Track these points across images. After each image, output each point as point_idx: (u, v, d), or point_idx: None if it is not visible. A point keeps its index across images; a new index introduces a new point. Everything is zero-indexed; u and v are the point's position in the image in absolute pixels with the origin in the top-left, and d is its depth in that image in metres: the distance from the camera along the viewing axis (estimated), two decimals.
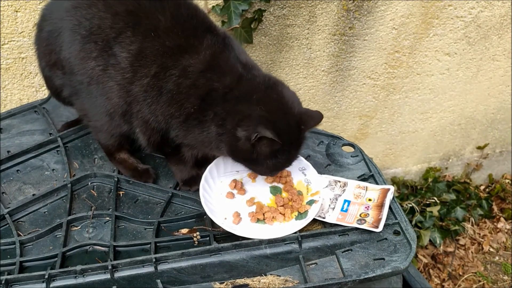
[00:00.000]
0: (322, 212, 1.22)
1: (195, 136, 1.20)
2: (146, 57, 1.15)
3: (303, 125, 1.16)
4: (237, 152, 1.16)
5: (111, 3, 1.17)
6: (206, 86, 1.14)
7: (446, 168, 2.67)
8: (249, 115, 1.11)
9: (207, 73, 1.14)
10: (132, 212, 1.27)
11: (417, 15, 2.02)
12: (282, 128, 1.12)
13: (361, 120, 2.32)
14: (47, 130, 1.46)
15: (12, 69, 1.71)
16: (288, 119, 1.14)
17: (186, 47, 1.15)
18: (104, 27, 1.17)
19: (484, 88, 2.39)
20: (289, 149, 1.16)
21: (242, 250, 1.13)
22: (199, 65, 1.14)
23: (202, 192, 1.21)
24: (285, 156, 1.17)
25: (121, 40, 1.15)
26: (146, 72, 1.15)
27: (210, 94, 1.14)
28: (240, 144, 1.13)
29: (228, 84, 1.14)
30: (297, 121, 1.15)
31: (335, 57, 2.05)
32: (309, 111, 1.20)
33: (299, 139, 1.18)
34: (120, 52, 1.16)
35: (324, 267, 1.14)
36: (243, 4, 1.74)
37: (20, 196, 1.29)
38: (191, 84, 1.13)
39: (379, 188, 1.27)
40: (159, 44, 1.15)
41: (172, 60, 1.14)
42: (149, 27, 1.15)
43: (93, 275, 1.08)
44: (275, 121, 1.11)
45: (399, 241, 1.16)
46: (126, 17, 1.16)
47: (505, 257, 2.47)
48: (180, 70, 1.14)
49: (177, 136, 1.21)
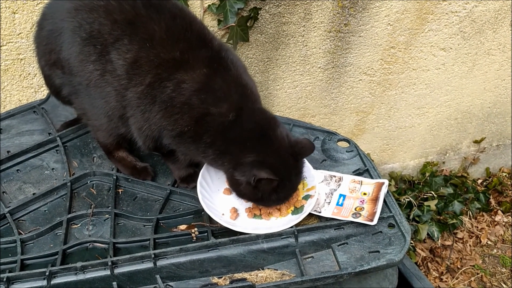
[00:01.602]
0: (318, 206, 1.24)
1: (188, 149, 1.22)
2: (141, 67, 1.16)
3: (298, 156, 1.19)
4: (243, 195, 1.21)
5: (111, 10, 1.19)
6: (201, 108, 1.15)
7: (443, 162, 2.69)
8: (243, 162, 1.15)
9: (202, 94, 1.15)
10: (131, 210, 1.29)
11: (411, 11, 2.03)
12: (277, 165, 1.15)
13: (358, 116, 2.34)
14: (46, 130, 1.48)
15: (11, 70, 1.73)
16: (281, 155, 1.17)
17: (180, 61, 1.16)
18: (103, 32, 1.18)
19: (480, 83, 2.40)
20: (290, 179, 1.19)
21: (239, 245, 1.15)
22: (193, 83, 1.15)
23: (199, 189, 1.23)
24: (288, 186, 1.20)
25: (118, 46, 1.17)
26: (141, 81, 1.17)
27: (205, 119, 1.15)
28: (242, 188, 1.18)
29: (224, 112, 1.15)
30: (291, 153, 1.18)
31: (331, 54, 2.07)
32: (300, 142, 1.22)
33: (297, 166, 1.21)
34: (117, 59, 1.17)
35: (320, 261, 1.16)
36: (238, 2, 1.76)
37: (21, 195, 1.31)
38: (184, 101, 1.15)
39: (374, 182, 1.28)
40: (153, 55, 1.16)
41: (167, 73, 1.15)
42: (145, 37, 1.17)
43: (93, 271, 1.10)
44: (269, 161, 1.14)
45: (393, 234, 1.18)
46: (124, 25, 1.18)
47: (503, 249, 2.48)
48: (174, 84, 1.15)
49: (170, 144, 1.24)
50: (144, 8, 1.18)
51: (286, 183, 1.18)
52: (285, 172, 1.17)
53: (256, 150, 1.15)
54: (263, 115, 1.21)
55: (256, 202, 1.23)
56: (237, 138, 1.16)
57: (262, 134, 1.17)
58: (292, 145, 1.19)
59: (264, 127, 1.18)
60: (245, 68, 1.27)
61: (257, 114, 1.20)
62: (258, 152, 1.15)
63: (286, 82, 2.10)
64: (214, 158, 1.19)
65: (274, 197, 1.19)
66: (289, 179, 1.19)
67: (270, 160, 1.15)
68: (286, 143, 1.19)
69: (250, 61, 1.98)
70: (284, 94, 2.14)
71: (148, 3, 1.19)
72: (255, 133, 1.17)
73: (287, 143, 1.19)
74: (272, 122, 1.20)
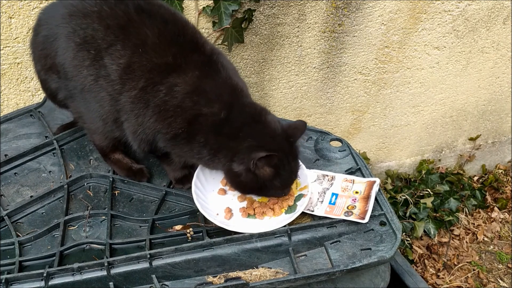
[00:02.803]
0: (311, 205, 1.26)
1: (183, 151, 1.24)
2: (134, 71, 1.18)
3: (291, 138, 1.21)
4: (244, 187, 1.22)
5: (104, 15, 1.21)
6: (193, 109, 1.17)
7: (439, 160, 2.71)
8: (239, 150, 1.16)
9: (194, 96, 1.17)
10: (127, 211, 1.31)
11: (405, 11, 2.05)
12: (272, 146, 1.17)
13: (353, 115, 2.35)
14: (43, 133, 1.50)
15: (8, 74, 1.75)
16: (275, 138, 1.19)
17: (173, 65, 1.18)
18: (97, 38, 1.20)
19: (474, 80, 2.42)
20: (288, 161, 1.20)
21: (234, 244, 1.17)
22: (185, 86, 1.17)
23: (194, 190, 1.25)
24: (287, 169, 1.21)
25: (111, 52, 1.19)
26: (134, 85, 1.19)
27: (198, 119, 1.17)
28: (243, 178, 1.18)
29: (216, 111, 1.17)
30: (285, 136, 1.20)
31: (326, 54, 2.08)
32: (292, 124, 1.25)
33: (292, 150, 1.22)
34: (111, 64, 1.19)
35: (313, 259, 1.17)
36: (233, 4, 1.77)
37: (18, 198, 1.33)
38: (177, 104, 1.17)
39: (366, 181, 1.30)
40: (146, 60, 1.18)
41: (159, 77, 1.17)
42: (138, 42, 1.19)
43: (90, 272, 1.12)
44: (265, 143, 1.17)
45: (385, 231, 1.20)
46: (117, 31, 1.19)
47: (500, 246, 2.50)
48: (167, 88, 1.17)
49: (165, 147, 1.26)
50: (136, 14, 1.20)
51: (285, 165, 1.19)
52: (283, 154, 1.19)
53: (251, 136, 1.17)
54: (253, 107, 1.22)
55: (259, 192, 1.24)
56: (230, 133, 1.17)
57: (254, 121, 1.19)
58: (285, 129, 1.21)
59: (255, 116, 1.20)
60: (235, 71, 1.29)
61: (247, 106, 1.22)
62: (253, 137, 1.17)
63: (281, 82, 2.11)
64: (210, 158, 1.21)
65: (277, 183, 1.20)
66: (287, 161, 1.20)
67: (266, 143, 1.17)
68: (279, 128, 1.21)
69: (246, 62, 2.00)
70: (279, 95, 2.15)
71: (140, 9, 1.21)
72: (247, 123, 1.18)
73: (280, 128, 1.21)
74: (263, 111, 1.22)
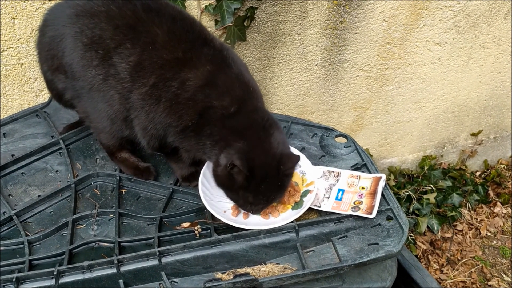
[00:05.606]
0: (317, 201, 1.26)
1: (191, 144, 1.25)
2: (144, 69, 1.19)
3: (282, 166, 1.18)
4: (217, 177, 1.21)
5: (113, 15, 1.21)
6: (204, 102, 1.17)
7: (441, 155, 2.71)
8: (232, 145, 1.15)
9: (206, 89, 1.17)
10: (135, 209, 1.32)
11: (406, 7, 2.05)
12: (258, 164, 1.15)
13: (356, 111, 2.36)
14: (49, 133, 1.50)
15: (12, 75, 1.75)
16: (267, 157, 1.17)
17: (184, 60, 1.19)
18: (105, 37, 1.21)
19: (475, 76, 2.42)
20: (266, 187, 1.18)
21: (242, 240, 1.18)
22: (197, 80, 1.17)
23: (201, 187, 1.25)
24: (262, 193, 1.18)
25: (120, 51, 1.20)
26: (145, 82, 1.19)
27: (208, 111, 1.18)
28: (219, 170, 1.18)
29: (226, 105, 1.17)
30: (277, 161, 1.18)
31: (328, 51, 2.09)
32: (289, 154, 1.23)
33: (277, 178, 1.19)
34: (120, 63, 1.20)
35: (321, 254, 1.18)
36: (235, 2, 1.78)
37: (26, 197, 1.33)
38: (189, 97, 1.17)
39: (372, 177, 1.31)
40: (156, 56, 1.19)
41: (171, 72, 1.18)
42: (147, 40, 1.19)
43: (100, 270, 1.12)
44: (252, 156, 1.14)
45: (392, 226, 1.21)
46: (126, 30, 1.20)
47: (503, 240, 2.51)
48: (179, 83, 1.17)
49: (174, 141, 1.26)
50: (144, 13, 1.21)
51: (260, 188, 1.17)
52: (263, 177, 1.16)
53: (249, 141, 1.16)
54: (266, 116, 1.21)
55: (227, 191, 1.22)
56: (235, 129, 1.17)
57: (261, 130, 1.18)
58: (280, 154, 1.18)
59: (264, 126, 1.19)
60: (246, 67, 1.30)
61: (260, 112, 1.21)
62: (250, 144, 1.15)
63: (284, 80, 2.12)
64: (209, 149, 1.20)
65: (243, 195, 1.18)
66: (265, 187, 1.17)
67: (254, 156, 1.15)
68: (277, 152, 1.18)
69: (248, 60, 2.00)
70: (282, 92, 2.16)
71: (148, 8, 1.22)
72: (253, 127, 1.18)
73: (278, 152, 1.18)
74: (273, 125, 1.21)
